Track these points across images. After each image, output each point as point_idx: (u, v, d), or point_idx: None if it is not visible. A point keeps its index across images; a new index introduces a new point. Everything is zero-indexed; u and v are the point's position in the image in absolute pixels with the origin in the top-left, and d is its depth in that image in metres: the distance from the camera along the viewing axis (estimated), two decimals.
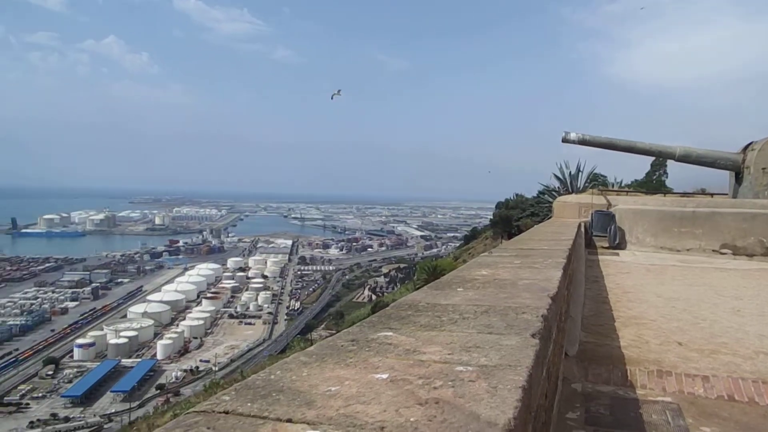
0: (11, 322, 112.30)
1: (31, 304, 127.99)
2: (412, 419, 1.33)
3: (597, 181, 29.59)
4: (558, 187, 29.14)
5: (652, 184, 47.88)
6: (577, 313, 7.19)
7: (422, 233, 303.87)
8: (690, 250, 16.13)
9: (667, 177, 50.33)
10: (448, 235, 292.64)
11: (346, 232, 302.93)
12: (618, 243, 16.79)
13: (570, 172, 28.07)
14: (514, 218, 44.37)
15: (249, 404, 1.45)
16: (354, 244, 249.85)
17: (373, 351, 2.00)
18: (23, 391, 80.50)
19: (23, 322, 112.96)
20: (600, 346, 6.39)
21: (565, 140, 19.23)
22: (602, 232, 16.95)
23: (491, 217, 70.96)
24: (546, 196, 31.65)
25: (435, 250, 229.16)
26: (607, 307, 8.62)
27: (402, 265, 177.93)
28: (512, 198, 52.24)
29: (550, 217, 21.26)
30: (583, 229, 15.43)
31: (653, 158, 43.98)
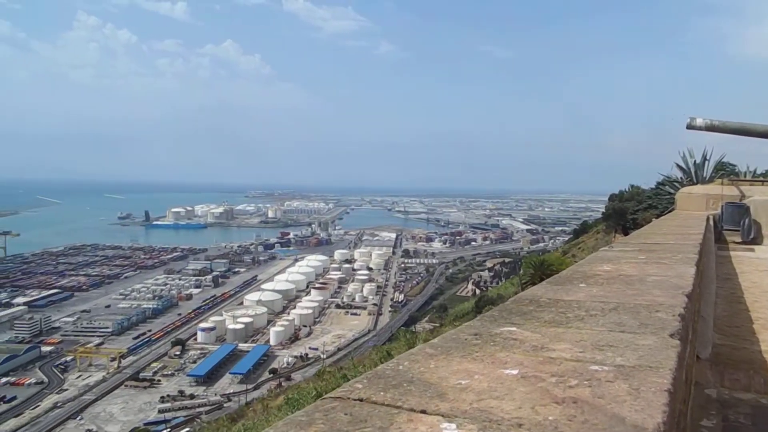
0: (145, 306, 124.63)
1: (161, 290, 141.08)
2: (550, 418, 1.30)
3: (725, 171, 26.87)
4: (681, 178, 26.87)
5: None
6: (709, 314, 6.60)
7: (528, 227, 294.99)
8: None
9: None
10: (556, 228, 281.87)
11: (450, 226, 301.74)
12: (753, 237, 15.19)
13: (695, 161, 25.77)
14: (629, 211, 41.62)
15: (382, 393, 1.48)
16: (457, 237, 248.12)
17: (499, 346, 1.98)
18: (155, 369, 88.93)
19: (155, 305, 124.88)
20: (736, 350, 5.82)
21: (690, 126, 17.69)
22: (734, 225, 15.41)
23: (603, 210, 67.08)
24: (667, 187, 29.31)
25: (542, 245, 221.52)
26: (743, 308, 7.83)
27: (507, 260, 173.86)
28: (627, 190, 48.91)
29: (671, 210, 19.74)
30: (711, 223, 14.15)
31: None
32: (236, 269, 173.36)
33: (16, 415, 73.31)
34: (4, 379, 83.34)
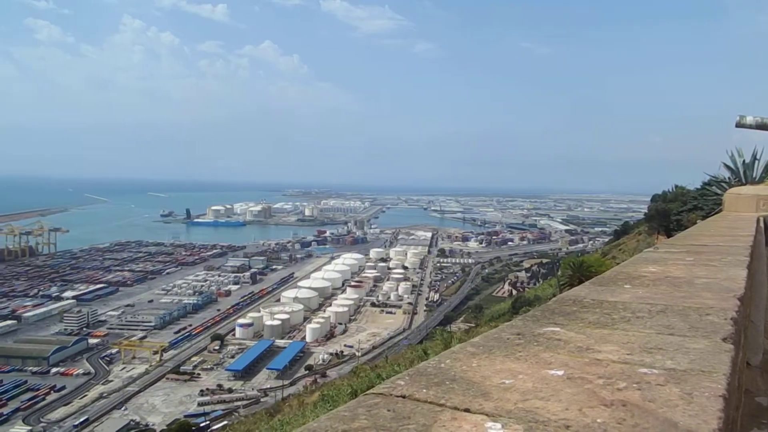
0: (186, 301, 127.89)
1: (201, 286, 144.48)
2: (599, 420, 1.28)
3: None
4: (728, 178, 25.88)
5: None
6: (759, 319, 6.36)
7: (567, 227, 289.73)
8: None
9: None
10: (596, 229, 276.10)
11: (486, 225, 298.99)
12: None
13: (743, 161, 24.78)
14: (672, 212, 40.31)
15: (424, 390, 1.48)
16: (494, 237, 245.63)
17: (542, 346, 1.97)
18: (195, 363, 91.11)
19: (195, 301, 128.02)
20: None
21: (739, 125, 17.01)
22: None
23: (645, 211, 65.33)
24: (713, 187, 28.29)
25: (581, 245, 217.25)
26: None
27: (544, 260, 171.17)
28: (670, 190, 47.34)
29: (718, 211, 19.07)
30: (762, 225, 13.61)
31: None
32: (274, 266, 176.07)
33: (66, 403, 76.39)
34: (54, 369, 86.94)
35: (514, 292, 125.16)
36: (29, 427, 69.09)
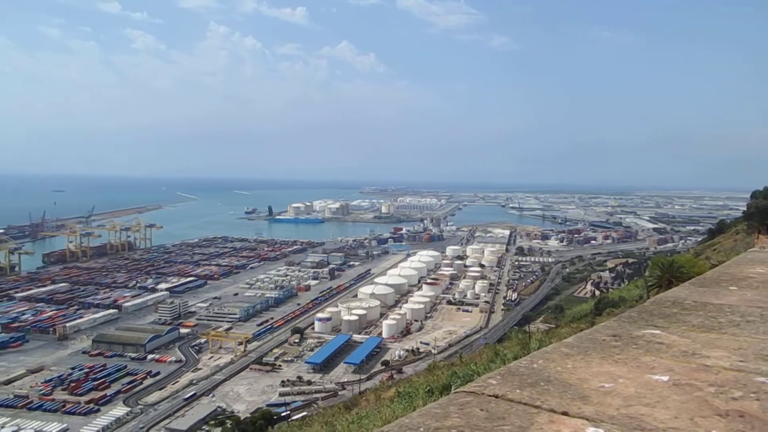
0: (268, 295, 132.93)
1: (282, 281, 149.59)
2: (713, 431, 1.20)
3: None
4: None
5: None
6: None
7: (655, 225, 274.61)
8: None
9: None
10: (687, 228, 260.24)
11: (567, 223, 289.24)
12: None
13: None
14: None
15: (518, 391, 1.45)
16: (576, 235, 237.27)
17: (642, 349, 1.87)
18: (277, 354, 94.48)
19: (277, 295, 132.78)
20: None
21: None
22: None
23: (744, 209, 60.53)
24: None
25: (670, 245, 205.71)
26: None
27: (630, 260, 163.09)
28: None
29: None
30: None
31: None
32: (351, 263, 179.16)
33: (160, 388, 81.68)
34: (150, 356, 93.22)
35: (597, 292, 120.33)
36: (128, 408, 74.51)
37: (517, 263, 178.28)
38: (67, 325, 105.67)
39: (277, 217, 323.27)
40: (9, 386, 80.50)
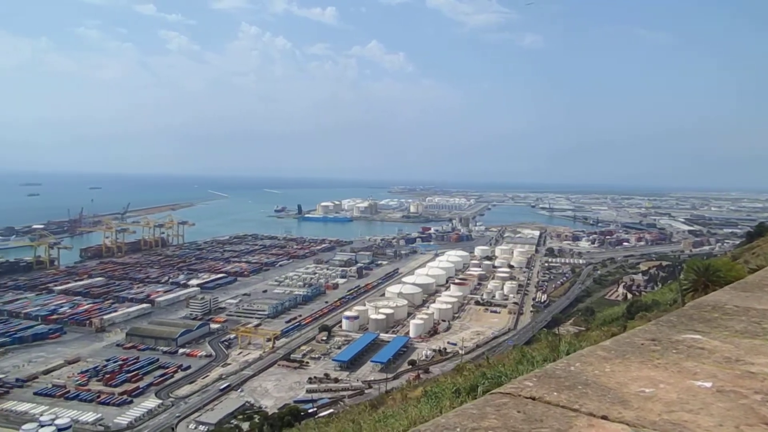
0: (296, 292, 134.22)
1: (311, 278, 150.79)
2: None
3: None
4: None
5: None
6: None
7: (691, 228, 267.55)
8: None
9: None
10: (725, 230, 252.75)
11: (599, 224, 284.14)
12: None
13: None
14: None
15: (555, 393, 1.43)
16: (607, 237, 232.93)
17: (683, 354, 1.84)
18: (304, 351, 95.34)
19: (305, 293, 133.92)
20: None
21: None
22: None
23: None
24: None
25: (707, 248, 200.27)
26: None
27: (664, 263, 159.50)
28: None
29: None
30: None
31: None
32: (379, 262, 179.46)
33: (191, 381, 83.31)
34: (181, 350, 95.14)
35: (629, 295, 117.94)
36: (160, 401, 76.22)
37: (546, 264, 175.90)
38: (104, 318, 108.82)
39: (306, 215, 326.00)
40: (48, 376, 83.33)
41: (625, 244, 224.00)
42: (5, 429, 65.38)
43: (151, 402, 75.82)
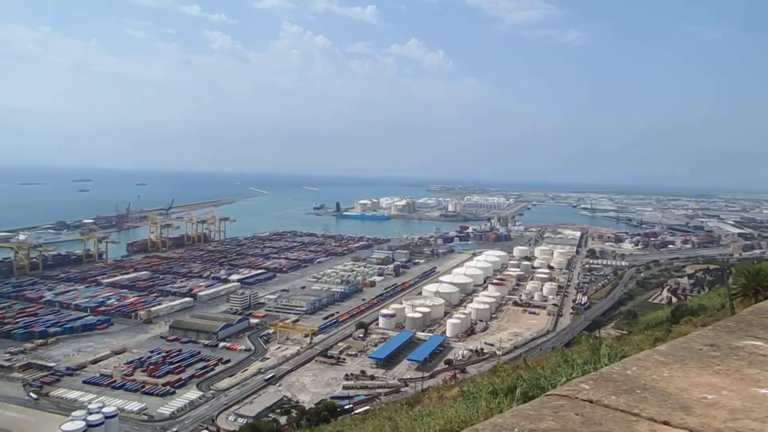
0: (334, 289, 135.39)
1: (348, 276, 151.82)
2: None
3: None
4: None
5: None
6: None
7: (741, 230, 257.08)
8: None
9: None
10: None
11: (643, 226, 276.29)
12: None
13: None
14: None
15: (613, 397, 1.41)
16: (652, 239, 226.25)
17: (745, 361, 1.78)
18: (341, 348, 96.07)
19: (342, 290, 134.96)
20: None
21: None
22: None
23: None
24: None
25: (758, 252, 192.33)
26: None
27: (711, 267, 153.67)
28: None
29: None
30: None
31: None
32: (416, 260, 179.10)
33: (230, 375, 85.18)
34: (221, 344, 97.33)
35: (674, 299, 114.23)
36: (201, 392, 78.21)
37: (587, 266, 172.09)
38: (151, 310, 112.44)
39: (345, 213, 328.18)
40: (96, 365, 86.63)
41: (670, 246, 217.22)
42: (57, 415, 68.26)
43: (192, 393, 77.87)
